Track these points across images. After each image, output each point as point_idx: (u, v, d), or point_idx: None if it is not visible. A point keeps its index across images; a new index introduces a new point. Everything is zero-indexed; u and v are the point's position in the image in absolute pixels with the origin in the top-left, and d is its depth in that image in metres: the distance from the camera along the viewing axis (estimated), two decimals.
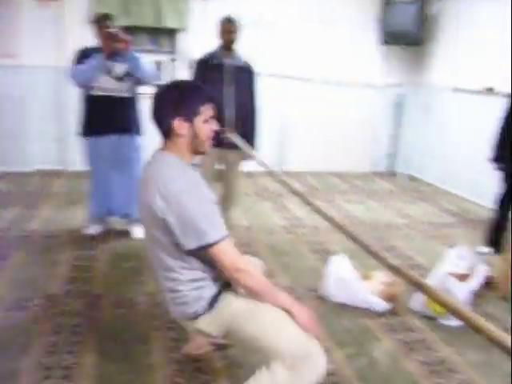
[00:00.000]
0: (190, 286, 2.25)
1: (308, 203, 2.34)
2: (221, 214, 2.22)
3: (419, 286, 1.54)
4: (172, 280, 2.27)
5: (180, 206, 2.10)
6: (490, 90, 6.49)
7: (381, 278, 3.74)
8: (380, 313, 3.59)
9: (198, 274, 2.25)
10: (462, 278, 3.69)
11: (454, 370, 3.02)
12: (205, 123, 2.24)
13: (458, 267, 3.81)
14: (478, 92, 6.77)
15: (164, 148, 2.28)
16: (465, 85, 7.04)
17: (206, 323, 2.29)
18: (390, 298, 3.65)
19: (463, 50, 7.10)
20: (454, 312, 1.49)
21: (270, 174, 3.12)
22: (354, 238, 1.96)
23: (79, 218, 5.16)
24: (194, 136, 2.22)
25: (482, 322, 1.39)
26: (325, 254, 4.58)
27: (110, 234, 4.80)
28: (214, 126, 2.29)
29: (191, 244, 2.12)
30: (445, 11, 7.49)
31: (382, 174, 8.15)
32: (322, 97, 7.82)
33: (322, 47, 7.65)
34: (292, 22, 7.44)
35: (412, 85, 8.20)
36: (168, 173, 2.17)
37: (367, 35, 7.84)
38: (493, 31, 6.52)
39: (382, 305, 3.60)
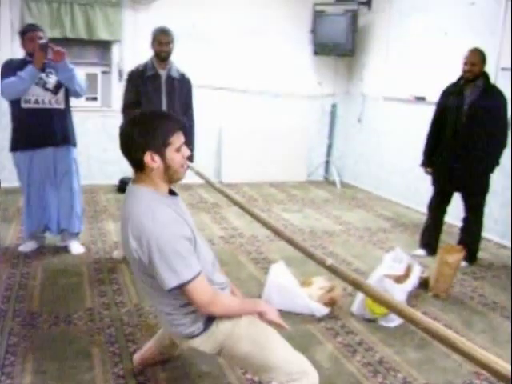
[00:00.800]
0: (185, 310, 2.25)
1: (248, 212, 2.35)
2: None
3: (358, 286, 1.58)
4: (166, 305, 2.26)
5: (151, 248, 2.06)
6: (421, 99, 6.70)
7: (320, 283, 3.79)
8: (321, 317, 3.64)
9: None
10: (398, 279, 3.80)
11: (394, 368, 3.08)
12: (177, 152, 2.18)
13: (394, 269, 3.91)
14: (409, 101, 6.98)
15: (137, 180, 2.23)
16: (395, 94, 7.25)
17: (200, 342, 2.30)
18: (329, 302, 3.71)
19: (394, 61, 7.31)
20: (392, 309, 1.53)
21: (208, 185, 3.12)
22: (292, 243, 1.98)
23: (13, 235, 5.03)
24: (167, 167, 2.16)
25: (418, 315, 1.43)
26: (264, 262, 4.61)
27: (46, 251, 4.69)
28: (187, 152, 2.24)
29: (168, 284, 2.08)
30: (375, 23, 7.71)
31: (318, 183, 8.27)
32: (257, 108, 7.91)
33: (257, 58, 7.73)
34: (226, 33, 7.48)
35: (345, 94, 8.39)
36: (139, 211, 2.11)
37: (300, 47, 7.97)
38: (423, 42, 6.74)
39: (322, 310, 3.65)
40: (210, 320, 2.26)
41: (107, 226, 5.44)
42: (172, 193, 2.34)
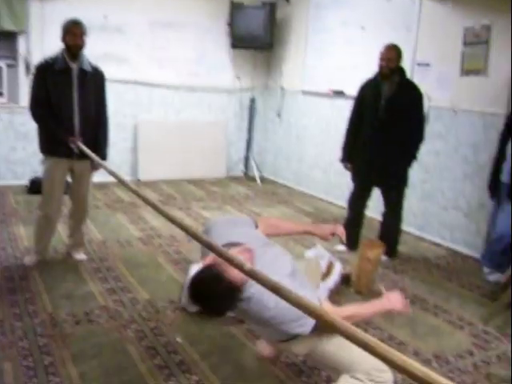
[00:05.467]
0: None
1: (161, 213, 2.21)
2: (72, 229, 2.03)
3: (277, 291, 1.48)
4: None
5: None
6: (340, 93, 6.72)
7: None
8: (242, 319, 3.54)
9: None
10: (321, 276, 3.74)
11: (317, 368, 3.03)
12: None
13: None
14: (328, 95, 6.99)
15: None
16: (314, 88, 7.25)
17: (294, 345, 2.41)
18: None
19: (312, 54, 7.31)
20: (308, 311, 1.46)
21: (123, 184, 2.96)
22: (209, 247, 1.87)
23: None
24: None
25: (334, 318, 1.36)
26: (184, 263, 4.47)
27: None
28: None
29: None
30: (294, 16, 7.69)
31: (237, 179, 8.18)
32: (174, 102, 7.72)
33: (173, 51, 7.52)
34: (140, 25, 7.21)
35: (263, 89, 8.33)
36: None
37: (218, 39, 7.83)
38: (341, 36, 6.77)
39: None
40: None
41: (17, 230, 5.11)
42: None
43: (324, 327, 2.25)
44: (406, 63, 4.91)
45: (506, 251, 4.37)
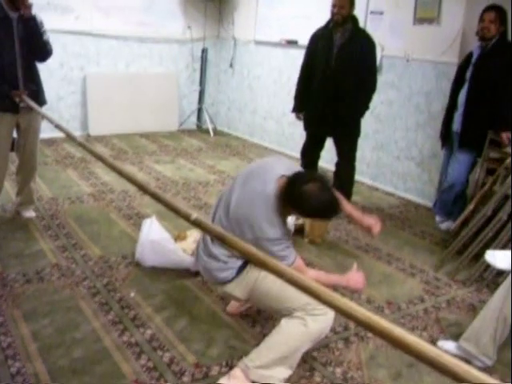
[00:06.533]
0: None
1: (110, 167, 2.15)
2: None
3: (223, 240, 1.47)
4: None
5: None
6: (293, 43, 6.62)
7: (195, 236, 3.65)
8: (197, 272, 3.51)
9: None
10: None
11: (272, 317, 3.04)
12: None
13: None
14: (281, 45, 6.90)
15: None
16: (267, 38, 7.14)
17: (234, 287, 2.59)
18: None
19: (265, 3, 7.16)
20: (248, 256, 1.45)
21: (70, 137, 2.85)
22: (157, 198, 1.82)
23: None
24: None
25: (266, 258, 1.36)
26: (137, 218, 4.41)
27: None
28: None
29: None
30: None
31: (190, 132, 8.06)
32: (123, 54, 7.48)
33: (120, 1, 7.24)
34: None
35: (215, 39, 8.16)
36: None
37: None
38: None
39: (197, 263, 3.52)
40: (242, 268, 2.57)
41: None
42: None
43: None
44: (359, 12, 4.84)
45: (457, 199, 4.44)
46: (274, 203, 2.45)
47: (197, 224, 1.57)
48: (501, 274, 3.40)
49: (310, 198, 2.37)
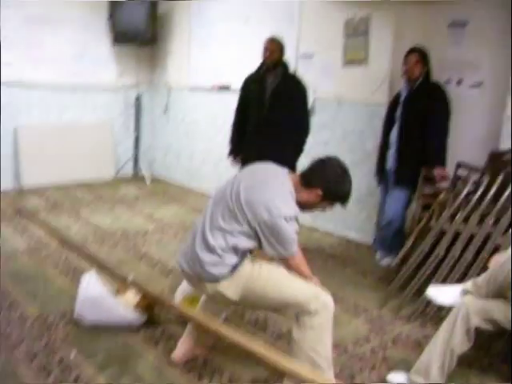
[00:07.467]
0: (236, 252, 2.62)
1: (38, 224, 2.08)
2: None
3: (160, 303, 1.43)
4: (229, 243, 2.60)
5: None
6: (225, 88, 6.68)
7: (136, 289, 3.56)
8: (139, 326, 3.41)
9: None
10: None
11: (219, 368, 3.00)
12: None
13: None
14: (214, 90, 6.93)
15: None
16: (200, 83, 7.18)
17: (226, 286, 2.63)
18: (147, 308, 3.49)
19: (197, 49, 7.23)
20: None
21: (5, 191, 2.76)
22: (92, 261, 1.77)
23: None
24: None
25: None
26: (75, 273, 4.26)
27: None
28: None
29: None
30: (176, 9, 7.55)
31: (127, 179, 7.95)
32: (55, 103, 7.34)
33: (50, 50, 7.12)
34: (13, 21, 6.66)
35: (149, 85, 8.14)
36: None
37: (98, 36, 7.52)
38: (224, 30, 6.73)
39: (139, 317, 3.43)
40: (236, 266, 2.63)
41: None
42: None
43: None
44: (290, 55, 4.94)
45: (396, 236, 4.51)
46: (289, 186, 2.66)
47: (135, 286, 1.52)
48: (442, 308, 3.45)
49: (341, 176, 2.76)
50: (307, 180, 2.72)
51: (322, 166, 2.76)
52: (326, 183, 2.70)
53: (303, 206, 2.72)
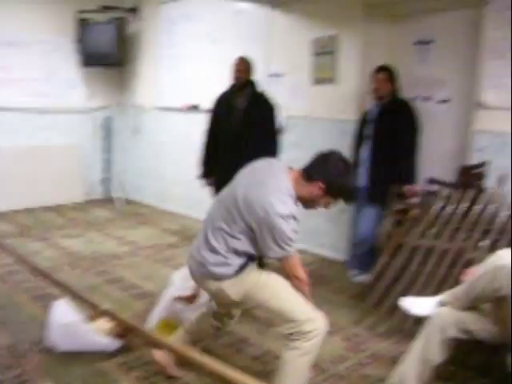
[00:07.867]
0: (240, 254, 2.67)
1: (6, 250, 2.03)
2: None
3: (133, 330, 1.40)
4: (231, 246, 2.64)
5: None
6: (194, 108, 6.67)
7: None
8: (114, 352, 3.35)
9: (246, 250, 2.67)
10: (190, 299, 3.62)
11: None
12: None
13: (185, 289, 3.73)
14: (182, 110, 6.93)
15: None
16: (169, 103, 7.17)
17: (229, 285, 2.67)
18: (121, 333, 3.43)
19: (165, 70, 7.24)
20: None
21: None
22: (65, 290, 1.73)
23: None
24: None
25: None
26: (46, 300, 4.16)
27: None
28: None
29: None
30: (144, 31, 7.57)
31: (98, 202, 7.88)
32: (23, 127, 7.26)
33: (17, 72, 7.08)
34: None
35: (118, 106, 8.10)
36: None
37: (66, 58, 7.50)
38: (192, 50, 6.76)
39: (114, 343, 3.37)
40: (242, 268, 2.67)
41: None
42: None
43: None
44: (260, 74, 4.95)
45: (370, 252, 4.52)
46: (286, 185, 2.63)
47: (108, 315, 1.49)
48: (418, 323, 3.45)
49: (343, 169, 2.74)
50: (309, 174, 2.70)
51: (324, 160, 2.74)
52: (328, 175, 2.67)
53: (306, 201, 2.73)
